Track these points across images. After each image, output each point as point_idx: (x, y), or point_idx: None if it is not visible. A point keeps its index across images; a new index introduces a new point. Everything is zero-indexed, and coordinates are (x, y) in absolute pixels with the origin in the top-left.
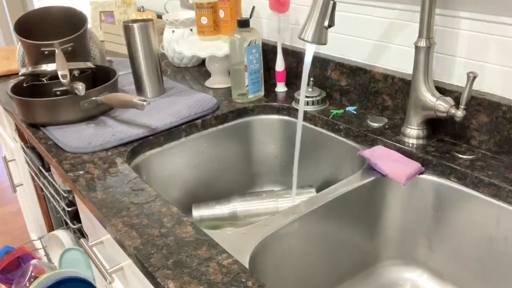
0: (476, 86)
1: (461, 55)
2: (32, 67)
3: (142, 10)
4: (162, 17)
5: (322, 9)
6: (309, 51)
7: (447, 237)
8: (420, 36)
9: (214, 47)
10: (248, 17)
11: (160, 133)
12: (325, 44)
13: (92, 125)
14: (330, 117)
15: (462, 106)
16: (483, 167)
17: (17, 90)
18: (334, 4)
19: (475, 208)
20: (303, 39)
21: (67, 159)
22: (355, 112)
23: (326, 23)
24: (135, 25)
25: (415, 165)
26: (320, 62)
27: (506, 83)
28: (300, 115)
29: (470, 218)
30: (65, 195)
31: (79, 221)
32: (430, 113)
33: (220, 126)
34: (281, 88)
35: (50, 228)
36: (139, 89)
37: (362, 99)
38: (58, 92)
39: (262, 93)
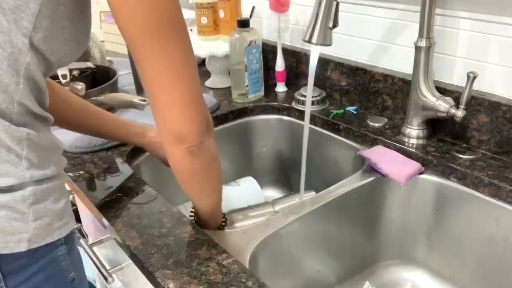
0: (476, 86)
1: (461, 55)
2: None
3: None
4: None
5: (326, 10)
6: (315, 53)
7: (447, 237)
8: (420, 36)
9: (214, 47)
10: (248, 17)
11: None
12: (330, 45)
13: None
14: (330, 117)
15: (462, 106)
16: (483, 167)
17: None
18: (338, 4)
19: (475, 208)
20: (308, 42)
21: (67, 158)
22: (355, 112)
23: (330, 24)
24: None
25: (415, 165)
26: (320, 62)
27: (506, 83)
28: (307, 117)
29: (470, 218)
30: None
31: (79, 221)
32: (430, 113)
33: (220, 126)
34: (281, 88)
35: None
36: (139, 89)
37: (362, 99)
38: None
39: (262, 93)
